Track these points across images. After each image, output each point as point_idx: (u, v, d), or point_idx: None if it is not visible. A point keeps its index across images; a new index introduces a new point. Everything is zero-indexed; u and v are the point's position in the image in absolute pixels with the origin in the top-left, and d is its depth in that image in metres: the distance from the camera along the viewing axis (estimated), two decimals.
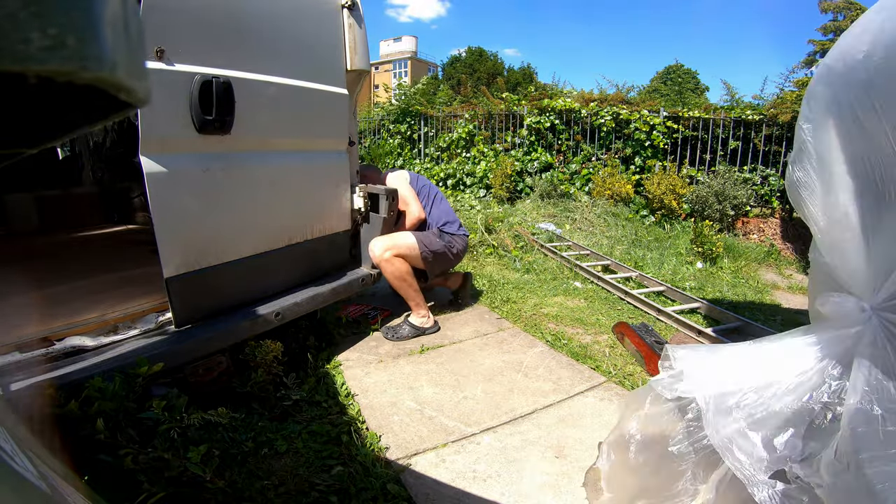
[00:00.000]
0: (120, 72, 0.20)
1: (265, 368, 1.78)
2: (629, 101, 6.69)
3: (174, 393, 1.44)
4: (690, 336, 2.62)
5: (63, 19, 0.18)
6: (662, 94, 19.63)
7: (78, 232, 3.62)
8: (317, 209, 2.16)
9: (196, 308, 1.72)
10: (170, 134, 1.53)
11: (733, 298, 3.39)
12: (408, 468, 1.50)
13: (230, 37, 1.67)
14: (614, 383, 2.07)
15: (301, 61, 1.95)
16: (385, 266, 2.43)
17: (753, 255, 4.58)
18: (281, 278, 2.06)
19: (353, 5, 2.16)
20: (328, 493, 1.33)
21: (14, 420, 0.40)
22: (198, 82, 1.53)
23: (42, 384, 1.26)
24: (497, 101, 7.36)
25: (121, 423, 1.28)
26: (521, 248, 4.37)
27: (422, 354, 2.32)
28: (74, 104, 0.23)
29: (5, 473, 0.28)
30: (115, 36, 0.20)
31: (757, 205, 5.70)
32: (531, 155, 6.68)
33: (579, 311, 2.93)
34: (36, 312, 1.80)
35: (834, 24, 21.56)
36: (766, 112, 5.73)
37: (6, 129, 0.25)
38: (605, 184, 5.82)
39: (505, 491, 1.41)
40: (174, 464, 1.22)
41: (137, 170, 1.50)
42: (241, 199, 1.79)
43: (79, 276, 2.27)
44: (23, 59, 0.17)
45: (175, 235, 1.58)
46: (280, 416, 1.72)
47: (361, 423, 1.73)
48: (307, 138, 2.08)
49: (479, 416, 1.79)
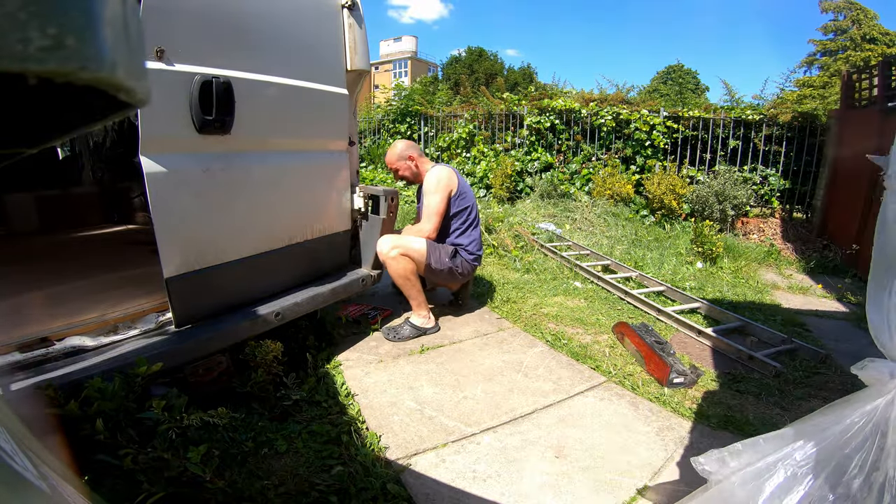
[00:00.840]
0: (119, 72, 0.20)
1: (265, 368, 1.78)
2: (629, 101, 6.69)
3: (174, 393, 1.44)
4: (690, 336, 2.62)
5: (62, 19, 0.18)
6: (662, 94, 19.65)
7: (78, 232, 3.62)
8: (317, 209, 2.16)
9: (196, 308, 1.72)
10: (170, 134, 1.52)
11: (733, 298, 3.39)
12: (408, 468, 1.50)
13: (230, 37, 1.67)
14: (614, 383, 2.07)
15: (301, 61, 1.95)
16: (391, 263, 2.42)
17: (753, 255, 4.58)
18: (281, 278, 2.06)
19: (353, 5, 2.16)
20: (328, 493, 1.33)
21: (14, 420, 0.40)
22: (198, 82, 1.53)
23: (42, 384, 1.26)
24: (497, 101, 7.37)
25: (121, 423, 1.28)
26: (521, 248, 4.37)
27: (422, 354, 2.32)
28: (74, 104, 0.23)
29: (5, 473, 0.28)
30: (115, 36, 0.20)
31: (757, 205, 5.70)
32: (531, 155, 6.68)
33: (579, 311, 2.93)
34: (36, 312, 1.80)
35: (834, 24, 21.56)
36: (767, 112, 5.74)
37: (6, 129, 0.25)
38: (606, 184, 5.81)
39: (505, 491, 1.41)
40: (174, 464, 1.22)
41: (137, 170, 1.50)
42: (241, 199, 1.79)
43: (79, 276, 2.27)
44: (22, 59, 0.17)
45: (175, 235, 1.58)
46: (280, 416, 1.72)
47: (361, 423, 1.73)
48: (307, 138, 2.08)
49: (479, 416, 1.79)
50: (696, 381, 2.06)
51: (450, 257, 2.51)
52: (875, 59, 17.20)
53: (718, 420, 1.79)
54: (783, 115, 5.63)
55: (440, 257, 2.49)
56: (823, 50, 21.80)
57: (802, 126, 5.55)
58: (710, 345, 2.50)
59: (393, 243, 2.40)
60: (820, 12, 21.74)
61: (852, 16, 20.99)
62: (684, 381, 2.02)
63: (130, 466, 1.20)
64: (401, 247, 2.41)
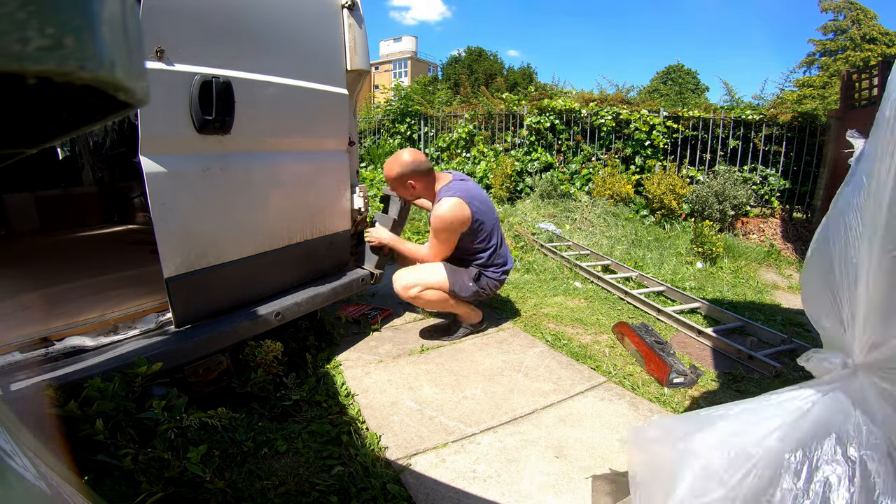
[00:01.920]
0: (118, 72, 0.20)
1: (265, 368, 1.78)
2: (629, 101, 6.70)
3: (174, 393, 1.44)
4: (690, 336, 2.62)
5: (61, 19, 0.18)
6: (662, 94, 19.64)
7: (78, 232, 3.63)
8: (317, 209, 2.16)
9: (196, 308, 1.72)
10: (170, 134, 1.52)
11: (733, 298, 3.39)
12: (408, 468, 1.50)
13: (230, 37, 1.67)
14: (614, 383, 2.07)
15: (301, 61, 1.95)
16: (416, 303, 2.30)
17: (753, 255, 4.58)
18: (281, 278, 2.06)
19: (353, 5, 2.17)
20: (328, 493, 1.33)
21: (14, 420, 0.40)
22: (198, 82, 1.53)
23: (42, 384, 1.26)
24: (497, 101, 7.37)
25: (120, 423, 1.28)
26: (521, 248, 4.37)
27: (422, 354, 2.32)
28: (73, 104, 0.23)
29: (5, 473, 0.28)
30: (114, 36, 0.20)
31: (757, 205, 5.71)
32: (531, 155, 6.68)
33: (579, 311, 2.93)
34: (36, 312, 1.80)
35: (834, 23, 21.57)
36: (766, 112, 5.74)
37: (6, 129, 0.25)
38: (605, 184, 5.81)
39: (505, 491, 1.41)
40: (174, 464, 1.22)
41: (137, 170, 1.50)
42: (241, 199, 1.79)
43: (79, 276, 2.27)
44: (21, 58, 0.17)
45: (175, 235, 1.58)
46: (280, 416, 1.72)
47: (361, 423, 1.73)
48: (307, 138, 2.08)
49: (479, 416, 1.79)
50: (697, 382, 2.06)
51: (473, 280, 2.31)
52: (875, 59, 17.22)
53: None
54: (783, 115, 5.63)
55: (463, 285, 2.30)
56: (823, 50, 21.82)
57: (802, 126, 5.55)
58: (710, 345, 2.50)
59: (410, 281, 2.26)
60: (820, 12, 21.77)
61: (852, 16, 21.00)
62: (684, 381, 2.02)
63: (130, 466, 1.20)
64: (420, 283, 2.27)
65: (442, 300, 2.31)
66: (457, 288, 2.30)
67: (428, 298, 2.30)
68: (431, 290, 2.28)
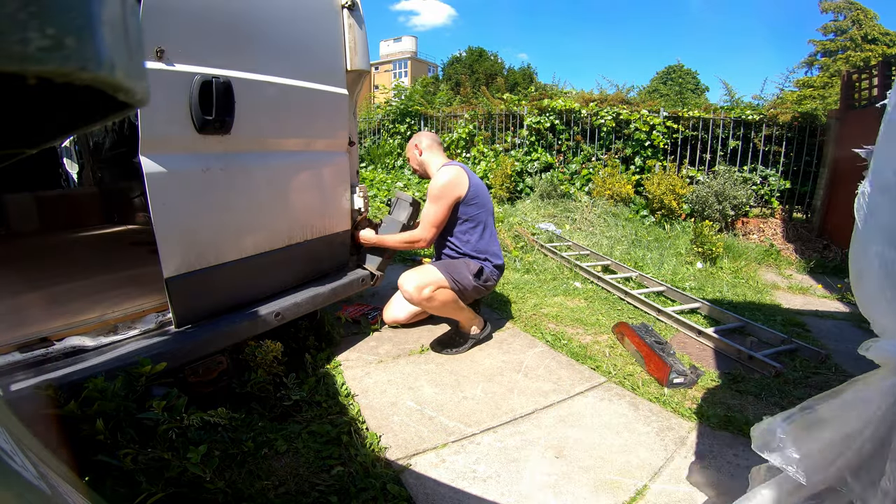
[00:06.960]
0: (118, 72, 0.20)
1: (265, 368, 1.78)
2: (629, 101, 6.70)
3: (174, 393, 1.43)
4: (690, 336, 2.62)
5: (61, 20, 0.18)
6: (662, 95, 19.67)
7: (78, 232, 3.62)
8: (317, 209, 2.16)
9: (196, 308, 1.72)
10: (170, 134, 1.52)
11: (733, 298, 3.39)
12: (408, 468, 1.50)
13: (230, 37, 1.67)
14: (614, 383, 2.07)
15: (301, 61, 1.95)
16: (430, 304, 2.23)
17: (753, 256, 4.58)
18: (281, 278, 2.06)
19: (353, 5, 2.17)
20: (328, 494, 1.33)
21: (14, 420, 0.40)
22: (198, 82, 1.53)
23: (42, 384, 1.26)
24: (497, 101, 7.37)
25: (121, 423, 1.28)
26: (521, 248, 4.37)
27: (422, 354, 2.32)
28: (73, 105, 0.23)
29: (5, 473, 0.28)
30: (114, 36, 0.20)
31: (757, 205, 5.71)
32: (531, 155, 6.68)
33: (579, 311, 2.93)
34: (36, 312, 1.80)
35: (834, 24, 21.57)
36: (766, 112, 5.74)
37: (6, 129, 0.25)
38: (605, 184, 5.82)
39: (505, 491, 1.41)
40: (174, 464, 1.22)
41: (137, 170, 1.50)
42: (241, 199, 1.79)
43: (79, 276, 2.27)
44: (21, 59, 0.17)
45: (175, 235, 1.58)
46: (280, 416, 1.72)
47: (361, 423, 1.73)
48: (307, 138, 2.08)
49: (479, 417, 1.79)
50: (696, 382, 2.06)
51: (475, 276, 2.27)
52: (875, 59, 17.21)
53: (719, 420, 1.79)
54: (783, 115, 5.64)
55: (463, 277, 2.26)
56: (823, 50, 21.82)
57: (802, 126, 5.56)
58: (710, 345, 2.50)
59: (422, 282, 2.20)
60: (820, 12, 21.77)
61: (852, 16, 21.00)
62: (684, 381, 2.02)
63: (130, 467, 1.20)
64: (432, 283, 2.21)
65: (453, 299, 2.27)
66: (458, 279, 2.25)
67: (443, 298, 2.22)
68: (443, 290, 2.23)
